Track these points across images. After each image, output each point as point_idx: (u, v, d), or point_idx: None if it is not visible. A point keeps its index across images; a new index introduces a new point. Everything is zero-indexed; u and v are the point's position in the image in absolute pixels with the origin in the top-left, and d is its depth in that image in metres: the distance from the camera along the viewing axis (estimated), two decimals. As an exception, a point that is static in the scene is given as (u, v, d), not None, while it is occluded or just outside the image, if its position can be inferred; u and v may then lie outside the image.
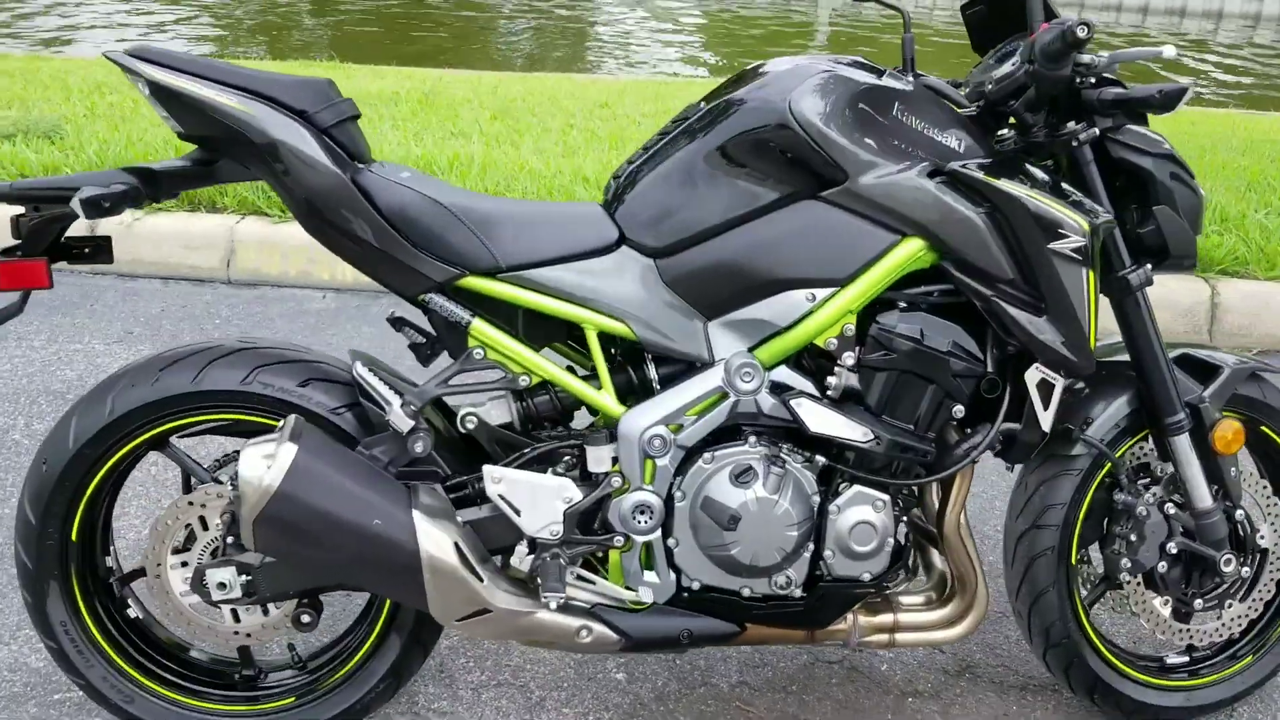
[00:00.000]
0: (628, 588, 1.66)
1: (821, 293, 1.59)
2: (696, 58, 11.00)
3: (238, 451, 1.70)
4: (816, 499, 1.63)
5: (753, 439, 1.62)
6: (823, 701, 1.98)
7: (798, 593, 1.67)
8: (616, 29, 12.64)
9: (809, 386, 1.63)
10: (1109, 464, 1.81)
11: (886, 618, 1.78)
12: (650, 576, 1.66)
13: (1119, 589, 1.91)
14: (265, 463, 1.46)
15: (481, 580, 1.56)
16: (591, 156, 4.77)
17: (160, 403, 1.60)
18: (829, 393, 1.62)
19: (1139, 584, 1.87)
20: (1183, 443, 1.78)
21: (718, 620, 1.70)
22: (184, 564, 1.66)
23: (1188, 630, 1.93)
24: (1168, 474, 1.84)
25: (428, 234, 1.57)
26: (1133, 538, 1.81)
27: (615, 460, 1.62)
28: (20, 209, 1.56)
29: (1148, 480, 1.87)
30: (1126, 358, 1.78)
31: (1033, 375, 1.63)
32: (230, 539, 1.61)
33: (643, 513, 1.61)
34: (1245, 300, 3.67)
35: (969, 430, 1.68)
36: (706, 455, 1.62)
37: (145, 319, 3.46)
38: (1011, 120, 1.70)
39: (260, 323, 3.51)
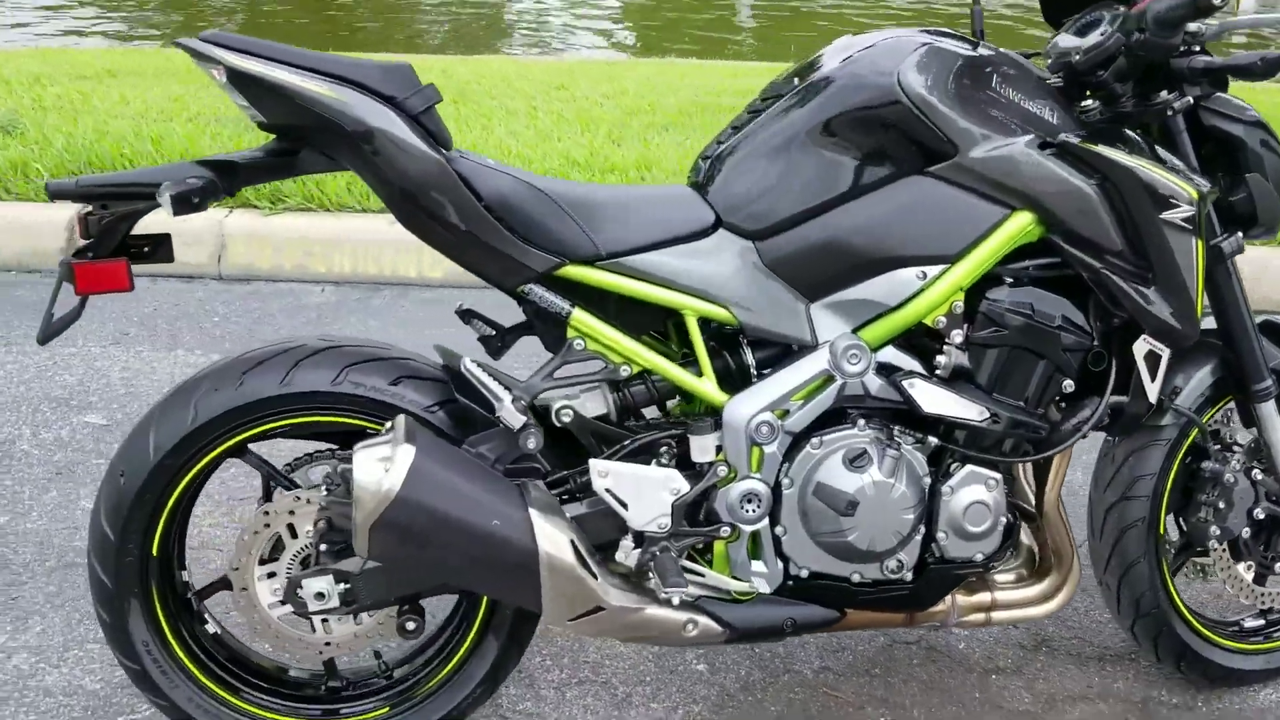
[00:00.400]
0: (734, 578, 1.62)
1: (932, 270, 1.55)
2: (618, 39, 10.89)
3: (311, 455, 1.63)
4: (928, 480, 1.60)
5: (861, 422, 1.58)
6: (908, 683, 1.96)
7: (909, 576, 1.63)
8: (533, 8, 12.45)
9: (918, 366, 1.59)
10: (1193, 433, 1.81)
11: (984, 596, 1.76)
12: (758, 566, 1.62)
13: (1202, 556, 1.91)
14: (382, 466, 1.38)
15: (596, 578, 1.50)
16: (569, 139, 4.69)
17: (246, 407, 1.51)
18: (938, 372, 1.58)
19: (1224, 550, 1.88)
20: (1269, 409, 1.78)
21: (820, 607, 1.66)
22: (271, 575, 1.58)
23: (1267, 594, 1.94)
24: (1248, 441, 1.85)
25: (528, 221, 1.50)
26: (1221, 505, 1.81)
27: (719, 449, 1.57)
28: (82, 207, 1.47)
29: (1225, 448, 1.87)
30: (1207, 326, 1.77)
31: (1140, 347, 1.61)
32: (324, 546, 1.54)
33: (750, 501, 1.56)
34: None
35: (1075, 405, 1.65)
36: (814, 440, 1.57)
37: (139, 319, 3.33)
38: (1092, 91, 1.69)
39: (260, 319, 3.39)
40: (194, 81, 5.53)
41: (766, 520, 1.59)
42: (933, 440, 1.60)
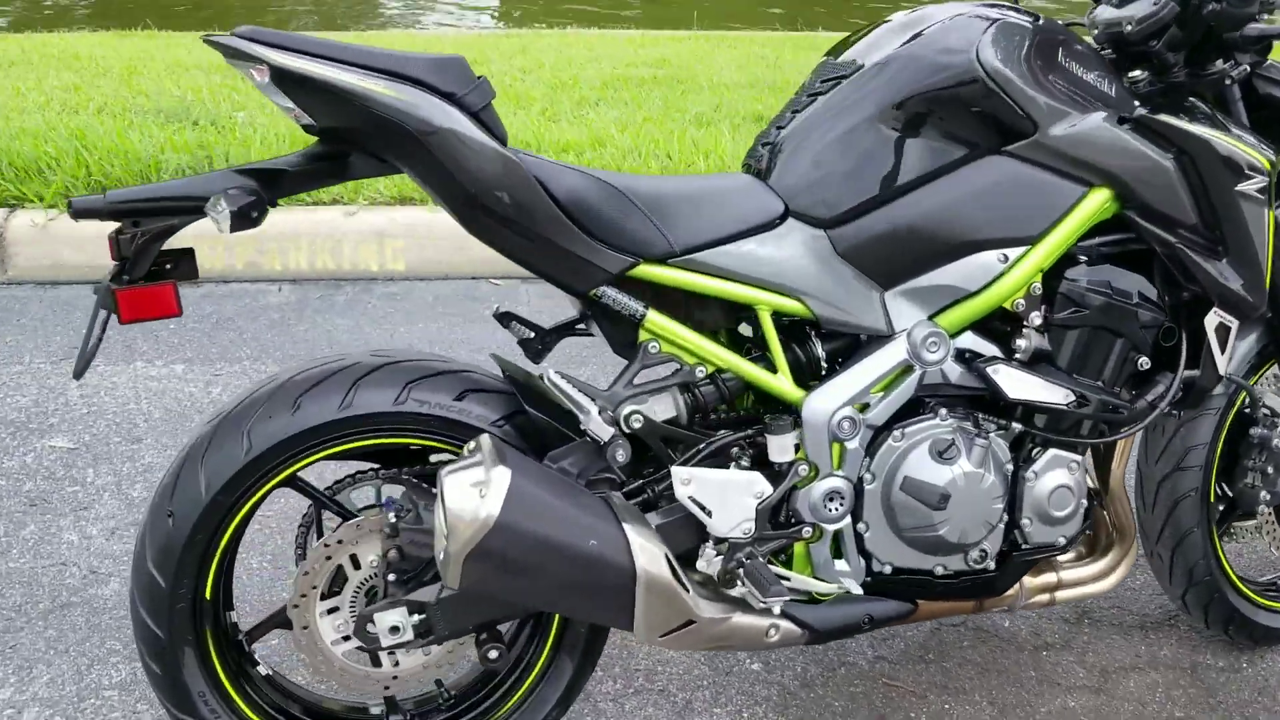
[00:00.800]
0: (817, 579, 1.57)
1: (1013, 252, 1.51)
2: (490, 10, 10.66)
3: (353, 477, 1.52)
4: (1010, 467, 1.56)
5: (943, 411, 1.53)
6: (963, 667, 1.94)
7: (991, 565, 1.60)
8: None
9: (996, 351, 1.55)
10: (1240, 399, 1.81)
11: (1050, 577, 1.73)
12: (840, 565, 1.56)
13: (1248, 520, 1.93)
14: (476, 491, 1.29)
15: (688, 591, 1.43)
16: (506, 119, 4.54)
17: (305, 434, 1.40)
18: (1017, 355, 1.55)
19: (1272, 514, 1.89)
20: None
21: (895, 601, 1.62)
22: (332, 610, 1.47)
23: None
24: None
25: (601, 220, 1.41)
26: (1269, 469, 1.82)
27: (798, 447, 1.51)
28: (109, 225, 1.33)
29: (1272, 413, 1.88)
30: None
31: (1211, 319, 1.60)
32: (393, 576, 1.44)
33: (834, 500, 1.51)
34: None
35: (1148, 382, 1.63)
36: (896, 433, 1.52)
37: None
38: (1142, 62, 1.66)
39: (219, 324, 3.20)
40: (86, 69, 5.24)
41: (849, 518, 1.54)
42: (1016, 426, 1.56)
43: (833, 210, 1.51)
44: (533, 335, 1.65)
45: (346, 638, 1.48)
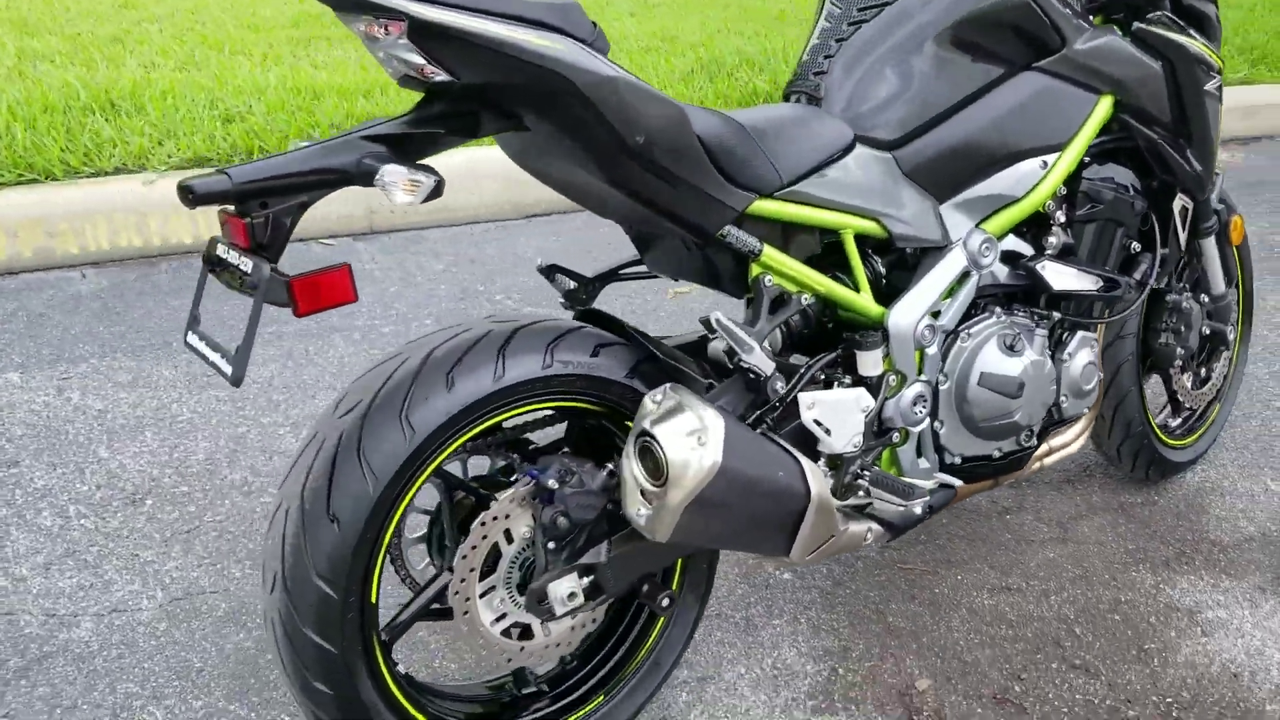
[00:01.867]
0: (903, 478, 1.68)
1: (1050, 158, 1.67)
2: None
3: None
4: (1049, 350, 1.75)
5: (998, 310, 1.68)
6: (954, 541, 2.14)
7: (1035, 442, 1.79)
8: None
9: (1030, 250, 1.72)
10: None
11: (1044, 446, 1.96)
12: (922, 463, 1.69)
13: (1160, 374, 2.25)
14: (694, 440, 1.27)
15: (837, 508, 1.50)
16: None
17: (465, 411, 1.31)
18: (1047, 252, 1.72)
19: (1179, 365, 2.23)
20: (1210, 243, 2.11)
21: (945, 488, 1.77)
22: (486, 591, 1.41)
23: (1201, 395, 2.33)
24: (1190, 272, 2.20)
25: (732, 159, 1.41)
26: (1181, 328, 2.14)
27: (885, 359, 1.61)
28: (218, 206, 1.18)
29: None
30: None
31: (1176, 202, 1.85)
32: (551, 545, 1.39)
33: (919, 403, 1.62)
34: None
35: (1134, 263, 1.87)
36: (964, 335, 1.66)
37: None
38: None
39: (32, 322, 2.80)
40: None
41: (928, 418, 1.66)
42: (1054, 314, 1.74)
43: (897, 133, 1.60)
44: (575, 286, 1.62)
45: (502, 616, 1.42)
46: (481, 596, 1.41)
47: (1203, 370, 2.31)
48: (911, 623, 1.93)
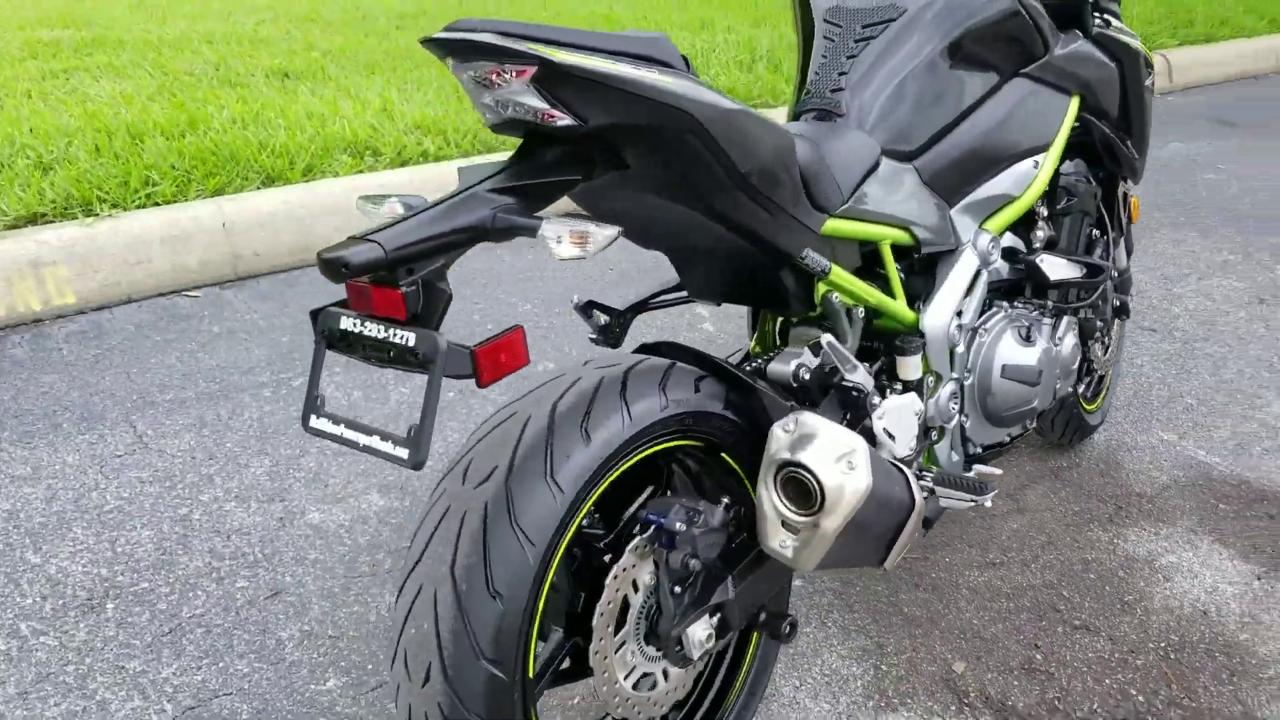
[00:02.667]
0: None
1: (1040, 157, 1.79)
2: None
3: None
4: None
5: (1004, 304, 1.79)
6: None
7: (1033, 424, 1.91)
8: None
9: (1022, 244, 1.84)
10: None
11: (1020, 427, 2.11)
12: (955, 456, 1.78)
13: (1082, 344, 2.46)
14: (845, 464, 1.29)
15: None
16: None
17: (604, 463, 1.27)
18: (1035, 246, 1.85)
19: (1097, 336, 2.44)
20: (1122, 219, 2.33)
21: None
22: (619, 645, 1.37)
23: (1105, 360, 2.56)
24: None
25: (814, 180, 1.44)
26: (1100, 302, 2.35)
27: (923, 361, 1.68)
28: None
29: None
30: None
31: (1121, 188, 2.03)
32: (677, 589, 1.38)
33: (954, 400, 1.71)
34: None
35: (1092, 247, 2.03)
36: (980, 331, 1.76)
37: None
38: None
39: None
40: None
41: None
42: (1049, 303, 1.87)
43: (915, 144, 1.67)
44: (609, 321, 1.61)
45: (632, 669, 1.39)
46: (615, 653, 1.37)
47: (1107, 338, 2.54)
48: (925, 610, 2.02)
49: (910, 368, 1.66)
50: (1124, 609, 2.05)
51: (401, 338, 1.10)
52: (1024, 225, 1.88)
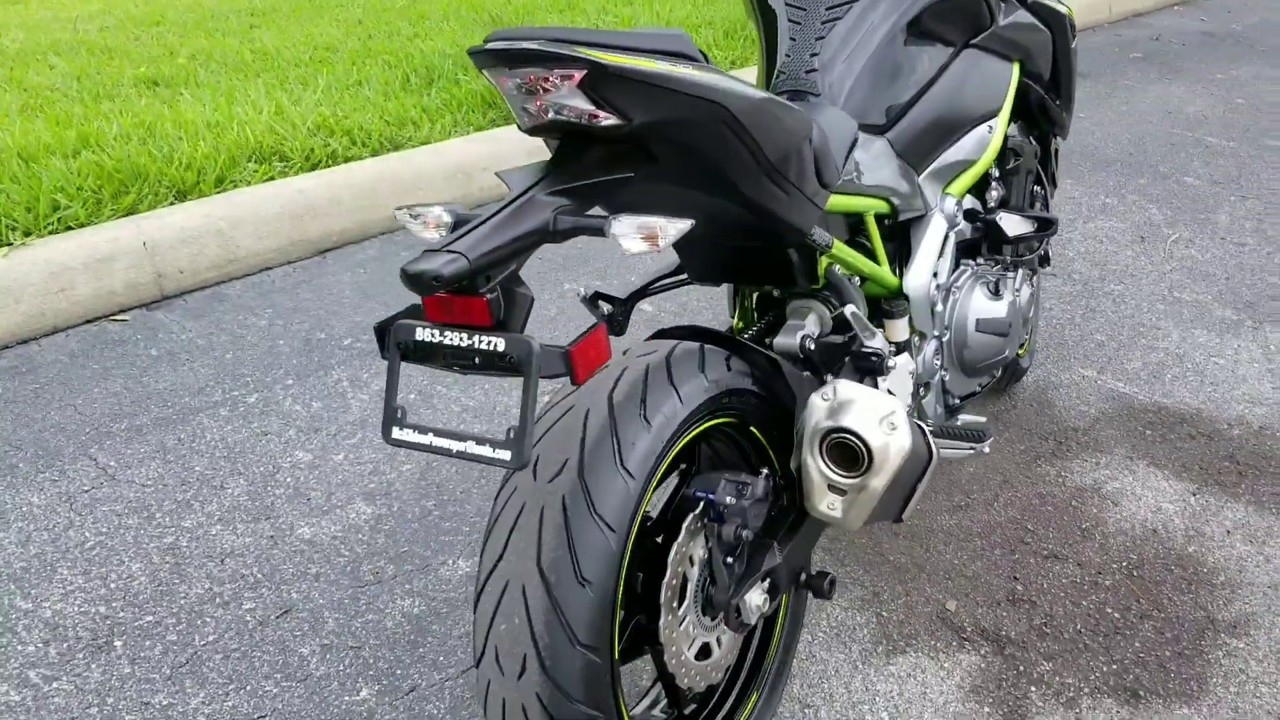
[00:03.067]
0: (925, 430, 1.88)
1: (994, 122, 1.91)
2: None
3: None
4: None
5: (969, 262, 1.92)
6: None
7: (999, 372, 2.05)
8: None
9: (979, 204, 1.97)
10: None
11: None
12: (938, 409, 1.90)
13: None
14: (888, 425, 1.38)
15: (928, 468, 1.67)
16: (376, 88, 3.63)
17: (665, 446, 1.33)
18: (990, 205, 1.98)
19: None
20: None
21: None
22: (680, 619, 1.44)
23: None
24: None
25: (822, 158, 1.51)
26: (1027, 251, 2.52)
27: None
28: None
29: None
30: None
31: (1054, 144, 2.18)
32: (729, 559, 1.46)
33: (937, 355, 1.83)
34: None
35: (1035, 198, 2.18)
36: (953, 289, 1.88)
37: None
38: None
39: None
40: None
41: None
42: (1006, 257, 2.00)
43: (887, 118, 1.77)
44: (614, 310, 1.68)
45: (693, 641, 1.46)
46: (679, 624, 1.43)
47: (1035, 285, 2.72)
48: (909, 556, 2.15)
49: (899, 330, 1.77)
50: (1083, 535, 2.22)
51: (489, 344, 1.14)
52: (978, 187, 2.01)
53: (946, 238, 1.85)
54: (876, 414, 1.42)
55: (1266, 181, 4.30)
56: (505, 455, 1.13)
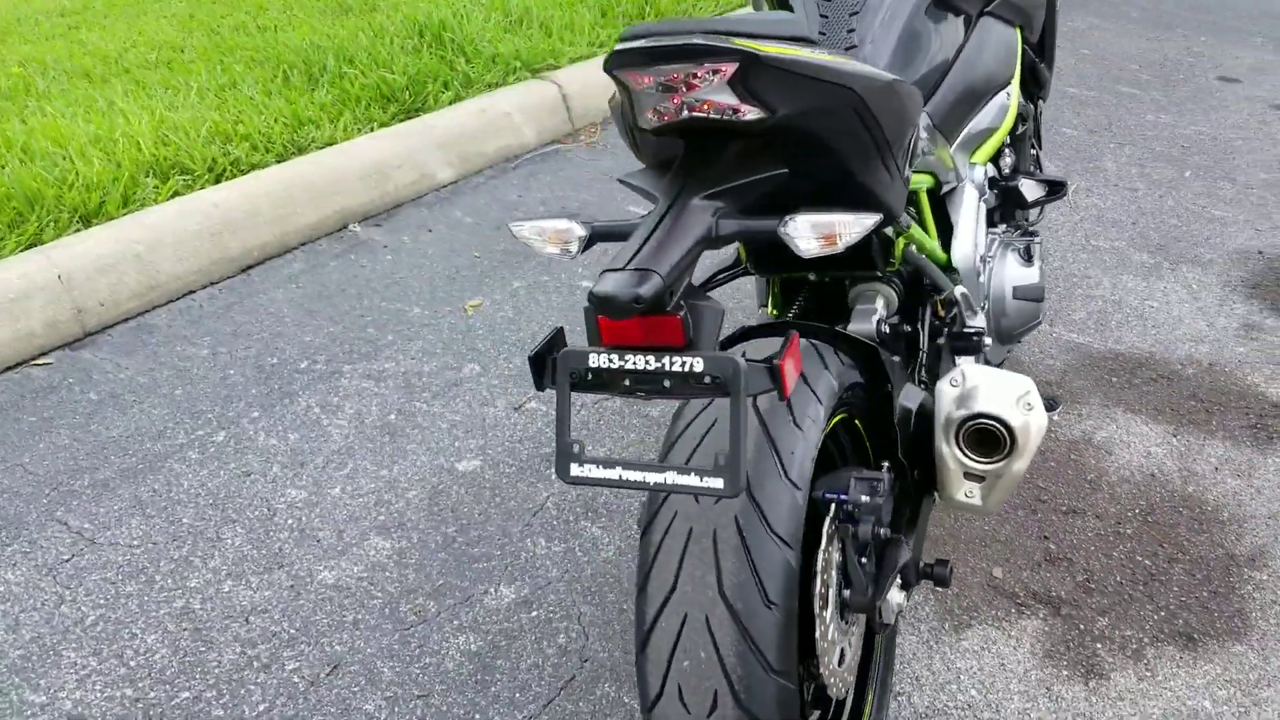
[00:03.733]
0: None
1: (1010, 88, 1.93)
2: None
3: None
4: None
5: (995, 230, 1.94)
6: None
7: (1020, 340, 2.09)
8: None
9: (995, 172, 1.99)
10: None
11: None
12: (982, 384, 1.92)
13: None
14: (1024, 405, 1.38)
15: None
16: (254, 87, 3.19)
17: (816, 448, 1.29)
18: (1004, 170, 2.00)
19: None
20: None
21: None
22: (828, 627, 1.41)
23: None
24: None
25: (914, 138, 1.48)
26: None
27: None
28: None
29: None
30: None
31: (1042, 107, 2.22)
32: (863, 560, 1.44)
33: (985, 324, 1.85)
34: None
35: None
36: (988, 258, 1.90)
37: None
38: None
39: None
40: None
41: None
42: (1026, 224, 2.03)
43: (925, 90, 1.76)
44: None
45: (839, 648, 1.44)
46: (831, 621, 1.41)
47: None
48: (941, 528, 2.18)
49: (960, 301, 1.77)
50: (1091, 487, 2.30)
51: (683, 364, 1.07)
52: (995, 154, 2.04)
53: (978, 208, 1.86)
54: (1012, 395, 1.41)
55: (1134, 128, 4.55)
56: (717, 483, 1.07)
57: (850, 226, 1.15)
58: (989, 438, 1.42)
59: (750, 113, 1.18)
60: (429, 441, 2.41)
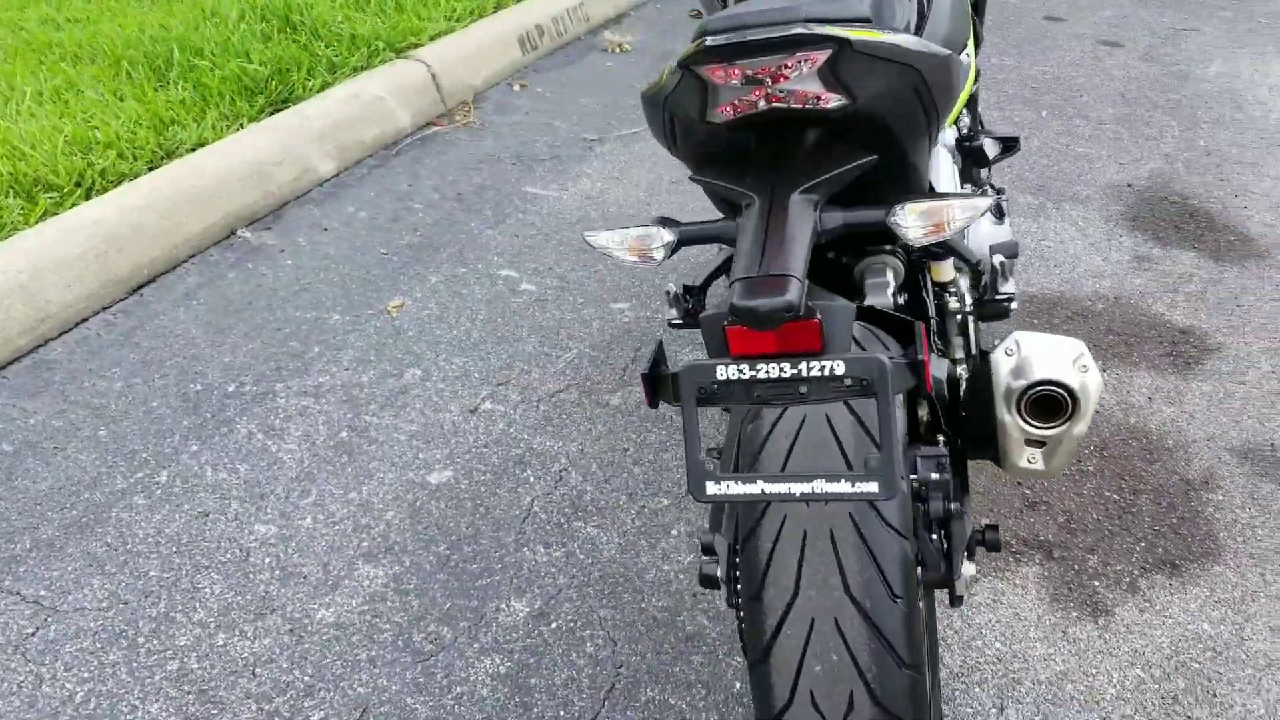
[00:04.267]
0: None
1: (969, 48, 1.96)
2: None
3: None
4: None
5: (966, 188, 1.99)
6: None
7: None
8: None
9: (955, 132, 2.03)
10: None
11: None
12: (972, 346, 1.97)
13: None
14: (1080, 366, 1.41)
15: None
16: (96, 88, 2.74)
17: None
18: (963, 131, 2.04)
19: None
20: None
21: None
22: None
23: None
24: None
25: None
26: None
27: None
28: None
29: None
30: None
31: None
32: (933, 536, 1.46)
33: (977, 285, 1.90)
34: None
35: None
36: None
37: None
38: None
39: None
40: None
41: None
42: (986, 182, 2.09)
43: None
44: (689, 302, 1.63)
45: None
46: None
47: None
48: (922, 486, 2.24)
49: (946, 270, 1.81)
50: (1046, 430, 2.41)
51: (823, 369, 1.05)
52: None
53: (954, 170, 1.90)
54: (1068, 358, 1.44)
55: (985, 71, 4.74)
56: (871, 487, 1.06)
57: (960, 213, 1.15)
58: (1049, 402, 1.45)
59: (832, 100, 1.17)
60: (390, 456, 2.31)
